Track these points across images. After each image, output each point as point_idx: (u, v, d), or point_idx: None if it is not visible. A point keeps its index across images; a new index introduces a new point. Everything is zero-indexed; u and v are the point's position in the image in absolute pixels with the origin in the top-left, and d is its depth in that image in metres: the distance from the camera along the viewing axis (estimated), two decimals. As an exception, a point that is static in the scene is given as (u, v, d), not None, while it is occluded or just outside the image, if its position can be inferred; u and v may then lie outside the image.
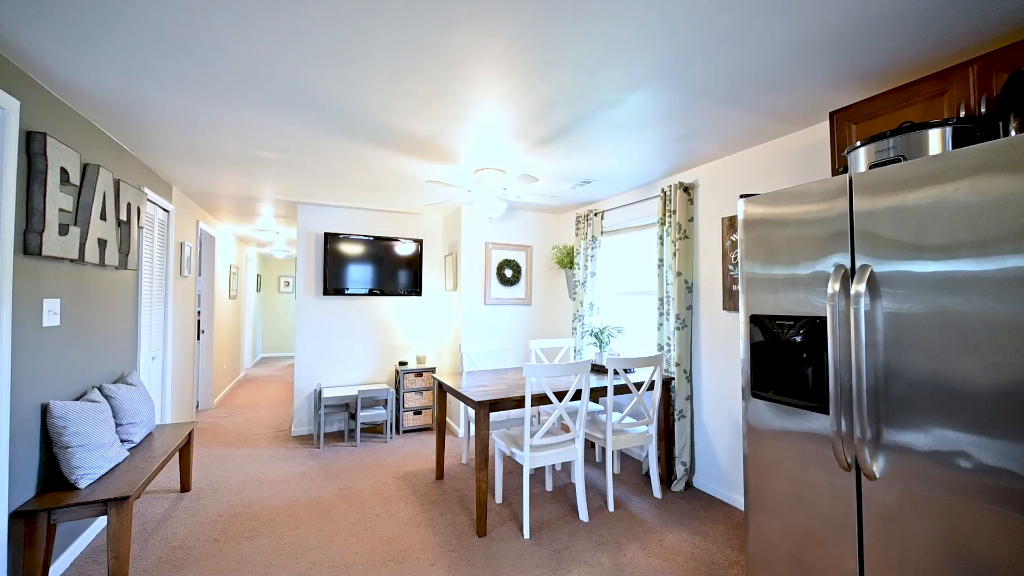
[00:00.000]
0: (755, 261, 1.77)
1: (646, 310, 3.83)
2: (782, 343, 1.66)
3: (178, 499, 2.97)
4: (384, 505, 2.90)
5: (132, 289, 3.02)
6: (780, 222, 1.69)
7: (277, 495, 3.04)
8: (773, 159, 2.68)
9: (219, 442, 4.16)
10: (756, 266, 1.77)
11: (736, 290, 2.87)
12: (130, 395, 2.65)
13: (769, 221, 1.73)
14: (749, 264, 1.80)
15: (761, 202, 1.76)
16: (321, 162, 3.11)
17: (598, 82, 1.98)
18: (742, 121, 2.40)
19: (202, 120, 2.40)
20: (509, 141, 2.68)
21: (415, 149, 2.82)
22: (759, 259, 1.76)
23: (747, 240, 1.81)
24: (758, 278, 1.76)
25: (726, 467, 2.95)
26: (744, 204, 1.83)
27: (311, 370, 4.49)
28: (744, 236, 1.82)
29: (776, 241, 1.70)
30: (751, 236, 1.79)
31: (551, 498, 3.01)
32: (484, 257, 4.55)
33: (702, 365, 3.14)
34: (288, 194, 4.10)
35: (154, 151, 2.94)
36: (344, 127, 2.48)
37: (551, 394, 2.60)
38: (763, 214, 1.75)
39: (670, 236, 3.30)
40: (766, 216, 1.74)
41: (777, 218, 1.70)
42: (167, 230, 3.74)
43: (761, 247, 1.76)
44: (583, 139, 2.67)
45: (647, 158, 3.02)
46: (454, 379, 3.24)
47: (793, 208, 1.64)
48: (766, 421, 1.72)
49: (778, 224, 1.69)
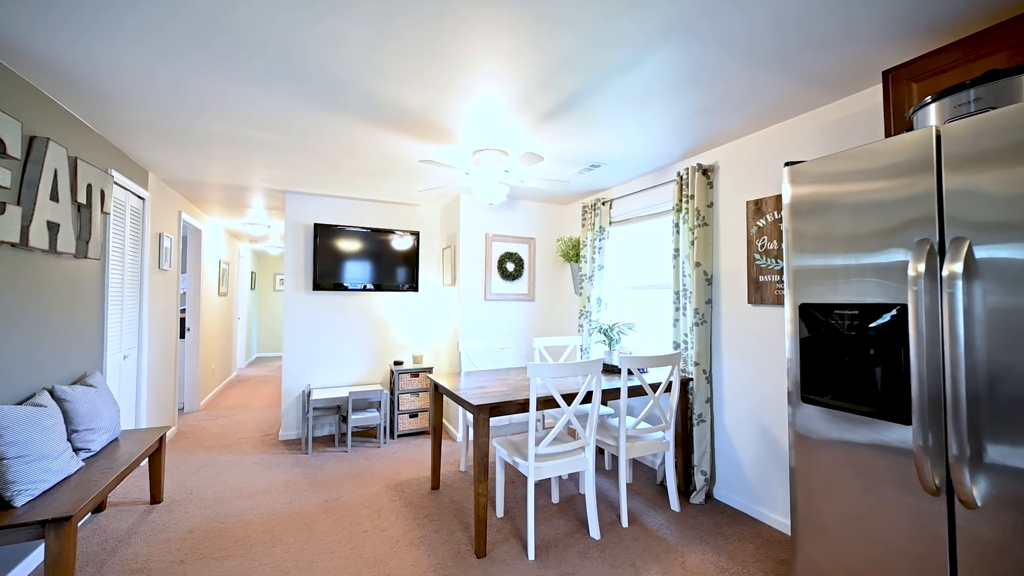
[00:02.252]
0: (805, 237, 1.49)
1: (659, 305, 3.54)
2: (842, 338, 1.38)
3: (147, 512, 2.69)
4: (373, 519, 2.63)
5: (96, 281, 2.75)
6: (838, 190, 1.40)
7: (256, 507, 2.76)
8: (805, 135, 2.40)
9: (201, 447, 3.89)
10: (807, 243, 1.49)
11: (763, 281, 2.58)
12: (89, 398, 2.37)
13: (822, 190, 1.45)
14: (798, 240, 1.51)
15: (812, 168, 1.48)
16: (308, 143, 2.83)
17: (612, 38, 1.70)
18: (774, 88, 2.11)
19: (174, 93, 2.13)
20: (510, 115, 2.40)
21: (408, 126, 2.54)
22: (810, 234, 1.48)
23: (795, 213, 1.53)
24: (809, 260, 1.48)
25: (752, 477, 2.67)
26: (790, 173, 1.55)
27: (300, 370, 4.21)
28: (791, 210, 1.54)
29: (833, 212, 1.41)
30: (800, 208, 1.51)
31: (558, 511, 2.73)
32: (484, 250, 4.27)
33: (723, 364, 2.86)
34: (276, 182, 3.83)
35: (123, 130, 2.66)
36: (329, 98, 2.20)
37: (558, 397, 2.32)
38: (816, 180, 1.47)
39: (687, 223, 3.01)
40: (819, 183, 1.46)
41: (833, 185, 1.42)
42: (142, 219, 3.47)
43: (813, 219, 1.47)
44: (592, 113, 2.39)
45: (662, 137, 2.74)
46: (452, 380, 2.96)
47: (855, 171, 1.36)
48: (820, 430, 1.44)
49: (835, 192, 1.41)
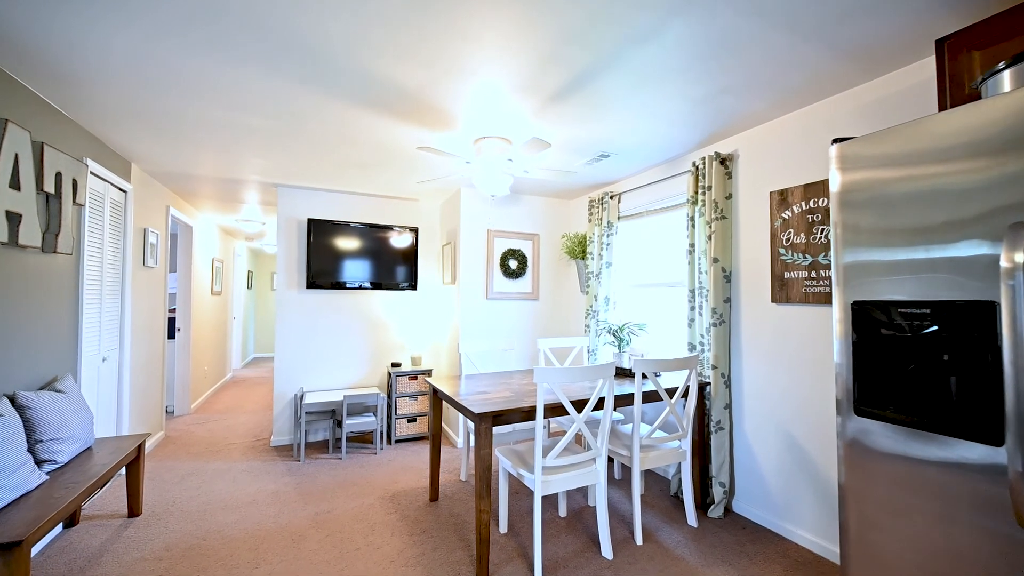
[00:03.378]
0: (859, 230, 1.29)
1: (672, 304, 3.34)
2: (906, 341, 1.18)
3: (123, 527, 2.50)
4: (367, 535, 2.43)
5: (69, 278, 2.55)
6: (901, 174, 1.20)
7: (241, 521, 2.57)
8: (838, 117, 2.19)
9: (187, 453, 3.69)
10: (861, 236, 1.29)
11: (789, 278, 2.38)
12: (56, 405, 2.18)
13: (881, 175, 1.25)
14: (850, 233, 1.31)
15: (868, 149, 1.28)
16: (300, 129, 2.63)
17: (628, 3, 1.51)
18: (807, 63, 1.91)
19: (152, 72, 1.93)
20: (514, 97, 2.21)
21: (404, 109, 2.35)
22: (866, 226, 1.28)
23: (845, 204, 1.33)
24: (864, 254, 1.28)
25: (776, 490, 2.46)
26: (839, 157, 1.34)
27: (293, 372, 4.02)
28: (840, 199, 1.34)
29: (896, 200, 1.21)
30: (853, 197, 1.31)
31: (566, 527, 2.53)
32: (486, 246, 4.07)
33: (743, 367, 2.66)
34: (268, 174, 3.63)
35: (99, 115, 2.47)
36: (321, 77, 2.00)
37: (568, 404, 2.12)
38: (873, 164, 1.27)
39: (703, 217, 2.81)
40: (876, 167, 1.26)
41: (895, 169, 1.22)
42: (124, 213, 3.28)
43: (870, 209, 1.27)
44: (603, 95, 2.19)
45: (677, 121, 2.53)
46: (451, 384, 2.77)
47: (923, 151, 1.16)
48: (879, 445, 1.24)
49: (899, 177, 1.21)
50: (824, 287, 2.22)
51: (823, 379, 2.24)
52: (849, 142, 1.33)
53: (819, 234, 2.25)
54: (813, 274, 2.27)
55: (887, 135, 1.24)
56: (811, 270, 2.28)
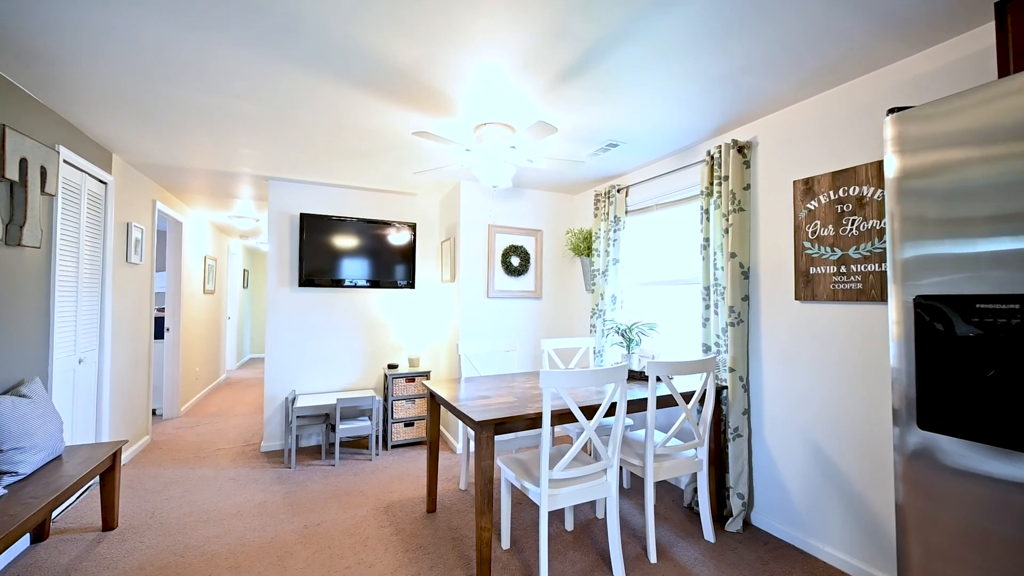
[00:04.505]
0: (925, 222, 1.11)
1: (684, 303, 3.16)
2: (987, 342, 1.00)
3: (95, 542, 2.32)
4: (358, 551, 2.25)
5: (39, 273, 2.37)
6: (982, 145, 1.03)
7: (224, 535, 2.39)
8: (875, 99, 2.01)
9: (173, 460, 3.51)
10: (927, 228, 1.11)
11: (815, 273, 2.20)
12: (19, 411, 2.00)
13: (955, 156, 1.07)
14: (911, 225, 1.13)
15: (935, 127, 1.10)
16: (287, 114, 2.45)
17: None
18: (845, 35, 1.73)
19: (128, 50, 1.75)
20: (518, 76, 2.03)
21: (399, 90, 2.17)
22: (934, 216, 1.10)
23: (905, 192, 1.15)
24: (931, 248, 1.10)
25: (801, 503, 2.28)
26: (897, 138, 1.17)
27: (284, 374, 3.84)
28: (898, 187, 1.16)
29: (974, 177, 1.03)
30: (915, 185, 1.13)
31: (573, 542, 2.35)
32: (487, 243, 3.89)
33: (763, 370, 2.48)
34: (258, 167, 3.45)
35: (71, 98, 2.29)
36: (309, 53, 1.82)
37: (577, 411, 1.94)
38: (942, 143, 1.09)
39: (719, 209, 2.63)
40: (946, 147, 1.08)
41: (974, 148, 1.04)
42: (104, 206, 3.10)
43: (939, 197, 1.09)
44: (614, 75, 2.01)
45: (691, 107, 2.36)
46: (450, 388, 2.59)
47: (1004, 120, 0.98)
48: (950, 462, 1.06)
49: (978, 148, 1.03)
50: (855, 283, 2.04)
51: (855, 382, 2.06)
52: (910, 113, 1.15)
53: (850, 226, 2.07)
54: (843, 269, 2.09)
55: (961, 101, 1.06)
56: (840, 265, 2.10)
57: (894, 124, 1.18)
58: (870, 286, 1.99)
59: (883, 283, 1.94)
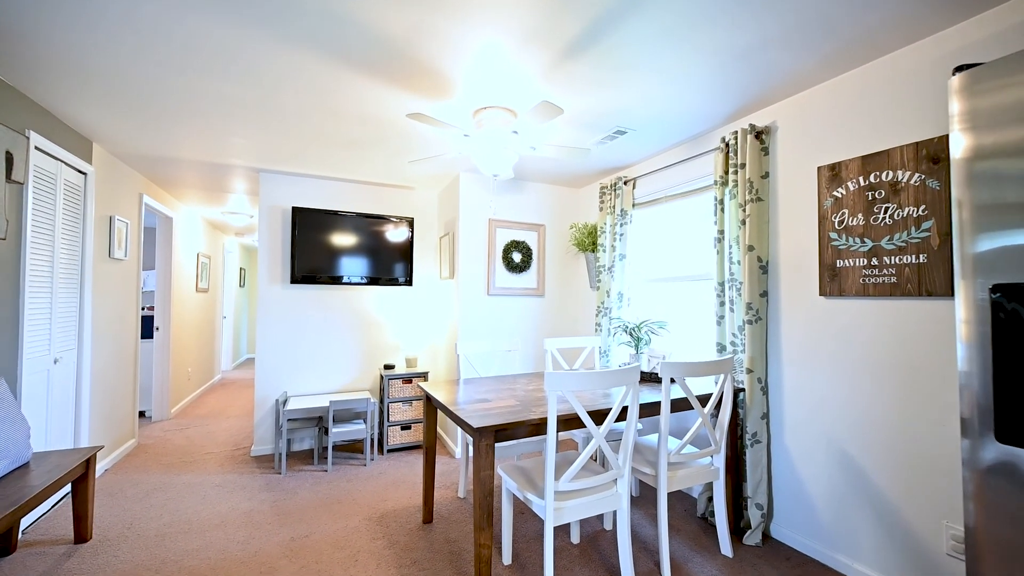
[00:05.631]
0: (1007, 210, 0.94)
1: (695, 300, 2.99)
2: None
3: (66, 555, 2.15)
4: (348, 567, 2.08)
5: (5, 266, 2.21)
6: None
7: (205, 548, 2.22)
8: (909, 75, 1.84)
9: (158, 464, 3.35)
10: (1009, 217, 0.94)
11: (843, 266, 2.03)
12: (-23, 415, 1.84)
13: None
14: (987, 214, 0.96)
15: (1017, 69, 0.93)
16: (274, 98, 2.29)
17: None
18: (875, 7, 1.56)
19: (102, 26, 1.59)
20: (520, 51, 1.86)
21: (390, 69, 2.00)
22: (1017, 189, 0.93)
23: (978, 177, 0.98)
24: (1014, 238, 0.93)
25: (826, 515, 2.11)
26: (967, 112, 0.99)
27: (275, 375, 3.67)
28: (969, 169, 0.99)
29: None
30: (994, 150, 0.96)
31: (579, 556, 2.18)
32: (487, 238, 3.73)
33: (783, 371, 2.30)
34: (248, 158, 3.29)
35: (43, 79, 2.13)
36: (284, 23, 1.66)
37: (585, 416, 1.77)
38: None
39: (735, 199, 2.46)
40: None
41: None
42: (83, 197, 2.94)
43: (1019, 158, 0.92)
44: (623, 51, 1.84)
45: (705, 89, 2.19)
46: (448, 390, 2.42)
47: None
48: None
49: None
50: (888, 276, 1.87)
51: (889, 384, 1.89)
52: (986, 71, 0.97)
53: (882, 214, 1.90)
54: (874, 261, 1.92)
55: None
56: (871, 257, 1.93)
57: (962, 94, 1.00)
58: (906, 279, 1.81)
59: (921, 276, 1.77)
